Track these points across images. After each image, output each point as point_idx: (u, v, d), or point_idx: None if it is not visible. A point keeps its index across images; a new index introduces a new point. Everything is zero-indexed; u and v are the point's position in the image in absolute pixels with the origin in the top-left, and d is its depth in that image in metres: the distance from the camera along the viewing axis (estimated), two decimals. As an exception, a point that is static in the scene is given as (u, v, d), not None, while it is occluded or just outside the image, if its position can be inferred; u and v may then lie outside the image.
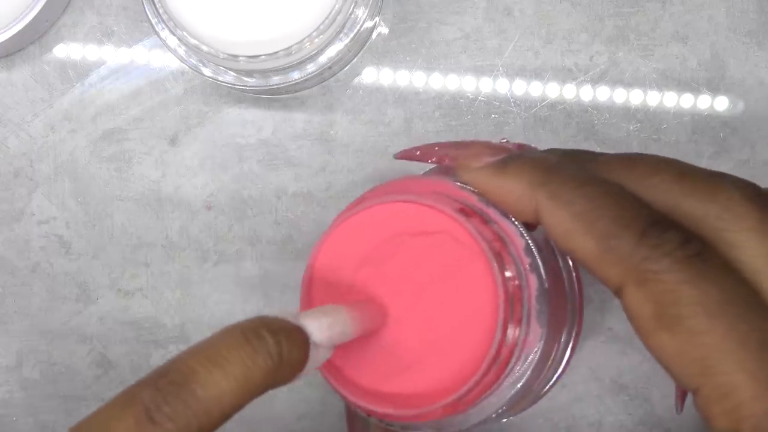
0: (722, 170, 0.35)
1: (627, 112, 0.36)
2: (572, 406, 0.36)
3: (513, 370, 0.25)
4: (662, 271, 0.21)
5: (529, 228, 0.26)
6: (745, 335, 0.20)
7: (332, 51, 0.35)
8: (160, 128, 0.39)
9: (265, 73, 0.35)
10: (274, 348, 0.21)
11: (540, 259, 0.25)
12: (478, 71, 0.37)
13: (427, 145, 0.28)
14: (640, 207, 0.22)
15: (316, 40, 0.33)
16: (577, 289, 0.31)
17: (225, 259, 0.38)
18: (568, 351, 0.31)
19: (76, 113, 0.39)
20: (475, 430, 0.27)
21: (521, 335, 0.25)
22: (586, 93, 0.37)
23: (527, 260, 0.25)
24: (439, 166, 0.28)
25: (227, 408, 0.21)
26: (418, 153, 0.29)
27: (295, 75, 0.35)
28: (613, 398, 0.36)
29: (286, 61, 0.34)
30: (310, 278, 0.26)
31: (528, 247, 0.25)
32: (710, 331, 0.20)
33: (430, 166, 0.30)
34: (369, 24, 0.36)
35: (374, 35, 0.37)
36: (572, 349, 0.31)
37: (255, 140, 0.38)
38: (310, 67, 0.35)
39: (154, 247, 0.39)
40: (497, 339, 0.24)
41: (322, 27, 0.33)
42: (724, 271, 0.21)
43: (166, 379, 0.20)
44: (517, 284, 0.25)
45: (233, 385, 0.21)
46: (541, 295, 0.25)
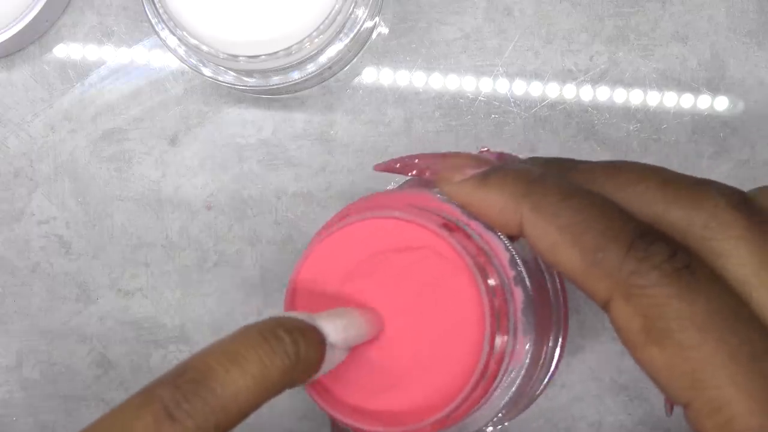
0: (722, 170, 0.35)
1: (627, 112, 0.36)
2: (572, 406, 0.36)
3: (501, 383, 0.25)
4: (650, 285, 0.20)
5: (511, 239, 0.25)
6: (735, 348, 0.20)
7: (332, 51, 0.35)
8: (160, 128, 0.39)
9: (265, 73, 0.35)
10: (291, 347, 0.21)
11: (525, 271, 0.25)
12: (478, 71, 0.37)
13: (407, 156, 0.28)
14: (627, 219, 0.22)
15: (316, 40, 0.33)
16: (561, 299, 0.30)
17: (225, 259, 0.38)
18: (556, 356, 0.31)
19: (76, 113, 0.39)
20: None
21: (508, 348, 0.25)
22: (586, 93, 0.37)
23: (512, 273, 0.25)
24: (415, 178, 0.28)
25: (244, 406, 0.21)
26: (397, 165, 0.28)
27: (295, 75, 0.35)
28: (613, 398, 0.36)
29: (286, 61, 0.34)
30: (293, 293, 0.26)
31: (513, 260, 0.25)
32: (700, 345, 0.20)
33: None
34: (369, 24, 0.36)
35: (374, 35, 0.37)
36: (560, 353, 0.31)
37: (255, 140, 0.38)
38: (310, 67, 0.35)
39: (154, 247, 0.39)
40: (485, 353, 0.24)
41: (322, 27, 0.33)
42: (712, 282, 0.21)
43: (185, 377, 0.20)
44: (503, 297, 0.25)
45: (251, 384, 0.21)
46: (527, 308, 0.25)
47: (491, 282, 0.24)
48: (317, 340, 0.22)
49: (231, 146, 0.38)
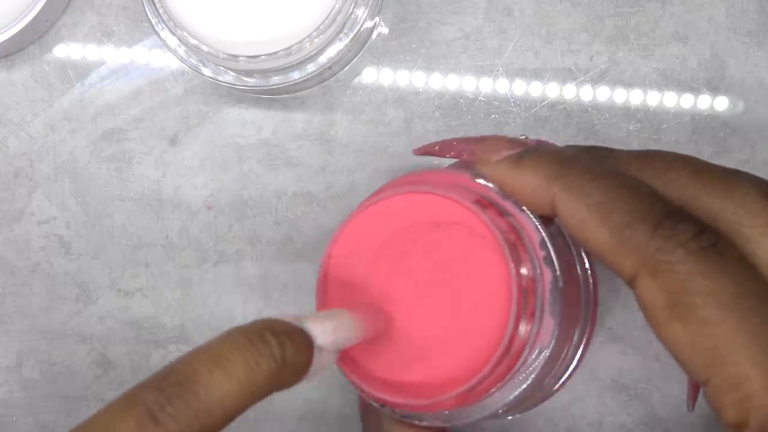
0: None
1: (627, 112, 0.36)
2: (572, 406, 0.36)
3: (525, 364, 0.25)
4: (676, 261, 0.21)
5: (546, 223, 0.26)
6: (757, 328, 0.20)
7: (332, 51, 0.35)
8: (160, 128, 0.39)
9: (265, 73, 0.35)
10: (277, 350, 0.21)
11: (555, 253, 0.26)
12: (478, 71, 0.37)
13: (446, 140, 0.29)
14: (656, 199, 0.22)
15: (316, 40, 0.33)
16: (592, 287, 0.31)
17: (225, 259, 0.38)
18: (580, 350, 0.31)
19: (76, 113, 0.39)
20: (480, 425, 0.27)
21: (534, 328, 0.25)
22: (586, 93, 0.37)
23: (542, 253, 0.26)
24: (458, 160, 0.29)
25: (229, 409, 0.21)
26: (437, 148, 0.29)
27: (295, 75, 0.35)
28: (613, 398, 0.36)
29: (286, 61, 0.34)
30: (327, 268, 0.27)
31: (543, 241, 0.26)
32: (722, 322, 0.20)
33: (449, 161, 0.30)
34: (369, 24, 0.36)
35: (374, 35, 0.37)
36: (584, 348, 0.31)
37: (255, 140, 0.38)
38: (310, 67, 0.35)
39: (154, 247, 0.39)
40: (509, 330, 0.24)
41: (322, 27, 0.33)
42: (738, 263, 0.21)
43: (169, 380, 0.20)
44: (531, 276, 0.25)
45: (236, 387, 0.21)
46: (554, 289, 0.25)
47: (520, 260, 0.25)
48: (305, 343, 0.22)
49: (231, 146, 0.38)
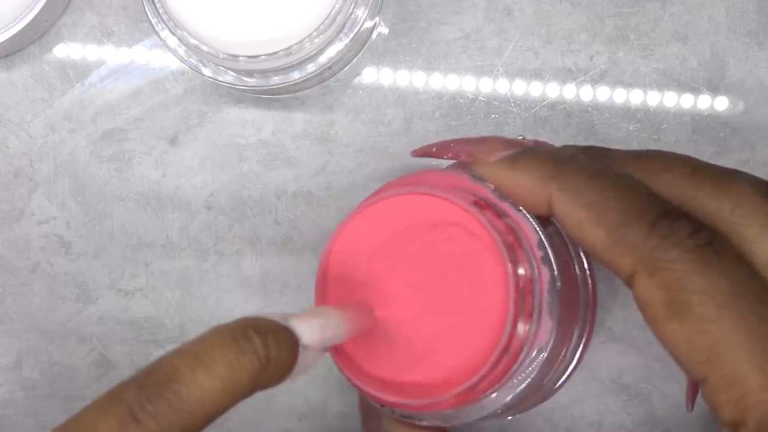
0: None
1: (627, 112, 0.36)
2: (572, 406, 0.36)
3: (523, 364, 0.26)
4: (672, 259, 0.21)
5: (544, 223, 0.26)
6: (754, 326, 0.20)
7: (332, 51, 0.35)
8: (160, 128, 0.39)
9: (265, 73, 0.35)
10: (261, 349, 0.21)
11: (553, 253, 0.26)
12: (478, 71, 0.37)
13: (443, 141, 0.29)
14: (652, 198, 0.22)
15: (316, 40, 0.33)
16: (590, 287, 0.31)
17: (225, 259, 0.38)
18: (579, 350, 0.31)
19: (76, 113, 0.39)
20: (479, 425, 0.27)
21: (532, 328, 0.25)
22: (586, 93, 0.37)
23: (540, 253, 0.26)
24: (455, 162, 0.29)
25: (211, 409, 0.20)
26: (434, 149, 0.29)
27: (295, 75, 0.35)
28: (613, 398, 0.36)
29: (286, 61, 0.34)
30: (326, 265, 0.27)
31: (541, 241, 0.26)
32: (719, 320, 0.20)
33: (448, 162, 0.30)
34: (369, 24, 0.36)
35: (374, 35, 0.37)
36: (583, 348, 0.31)
37: (255, 140, 0.38)
38: (310, 67, 0.35)
39: (154, 247, 0.39)
40: (508, 330, 0.24)
41: (322, 27, 0.33)
42: (735, 261, 0.21)
43: (151, 379, 0.20)
44: (529, 276, 0.25)
45: (218, 386, 0.20)
46: (552, 289, 0.25)
47: (518, 261, 0.25)
48: (290, 342, 0.22)
49: (231, 146, 0.38)
